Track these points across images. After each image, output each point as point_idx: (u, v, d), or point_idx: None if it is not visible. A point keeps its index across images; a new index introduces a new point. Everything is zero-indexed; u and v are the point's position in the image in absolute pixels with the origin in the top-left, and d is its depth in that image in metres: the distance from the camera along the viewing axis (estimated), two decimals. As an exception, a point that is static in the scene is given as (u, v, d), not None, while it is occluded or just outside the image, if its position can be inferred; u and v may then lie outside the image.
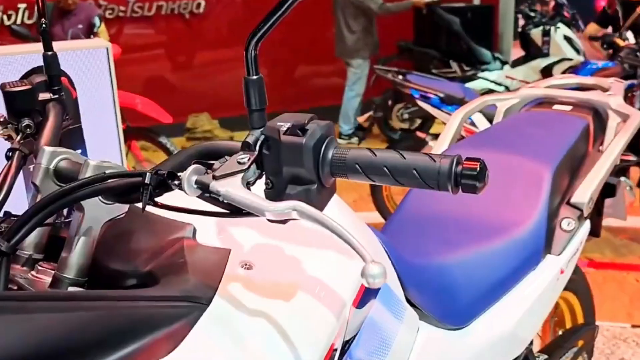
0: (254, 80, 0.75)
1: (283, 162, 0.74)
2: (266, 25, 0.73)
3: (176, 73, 6.88)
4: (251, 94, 0.75)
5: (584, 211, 1.46)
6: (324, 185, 0.76)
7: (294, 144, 0.73)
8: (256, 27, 0.74)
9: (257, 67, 0.75)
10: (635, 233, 3.86)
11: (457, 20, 5.93)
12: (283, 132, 0.73)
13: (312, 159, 0.73)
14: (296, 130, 0.73)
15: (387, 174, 0.74)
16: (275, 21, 0.73)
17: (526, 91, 1.82)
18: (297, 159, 0.73)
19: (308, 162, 0.73)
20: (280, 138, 0.73)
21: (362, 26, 5.71)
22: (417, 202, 1.45)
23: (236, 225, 0.91)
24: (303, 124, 0.74)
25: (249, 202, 0.70)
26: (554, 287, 1.42)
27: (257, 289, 0.82)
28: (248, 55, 0.74)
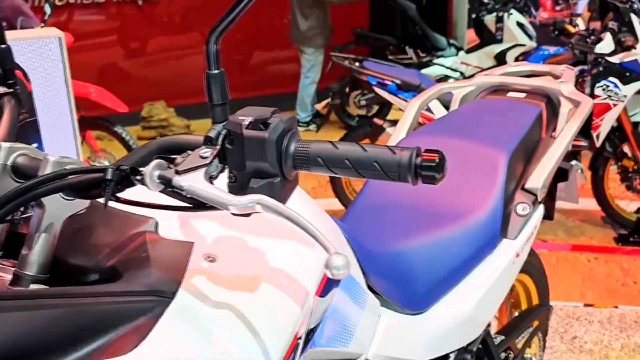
0: (215, 74, 0.75)
1: (246, 156, 0.74)
2: (227, 19, 0.73)
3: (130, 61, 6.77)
4: (213, 88, 0.75)
5: (538, 196, 1.50)
6: (287, 178, 0.77)
7: (256, 138, 0.74)
8: (217, 21, 0.74)
9: (218, 61, 0.75)
10: (586, 215, 3.97)
11: (413, 6, 5.96)
12: (245, 126, 0.74)
13: (274, 152, 0.74)
14: (258, 124, 0.74)
15: (349, 166, 0.75)
16: (236, 16, 0.73)
17: (481, 79, 1.86)
18: (260, 153, 0.74)
19: (271, 156, 0.74)
20: (243, 132, 0.74)
21: (316, 14, 5.70)
22: (376, 190, 1.47)
23: (199, 218, 0.91)
24: (265, 118, 0.75)
25: (212, 196, 0.70)
26: (510, 270, 1.46)
27: (221, 281, 0.83)
28: (209, 49, 0.74)
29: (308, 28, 5.75)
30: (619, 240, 3.67)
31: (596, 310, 2.91)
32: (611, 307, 2.93)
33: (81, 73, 4.19)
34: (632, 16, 3.48)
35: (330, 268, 0.67)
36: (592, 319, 2.82)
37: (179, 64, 6.83)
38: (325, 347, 1.00)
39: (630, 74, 3.43)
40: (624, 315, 2.85)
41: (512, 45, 5.20)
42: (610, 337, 2.68)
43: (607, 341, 2.65)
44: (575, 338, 2.68)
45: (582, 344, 2.64)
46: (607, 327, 2.76)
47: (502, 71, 1.91)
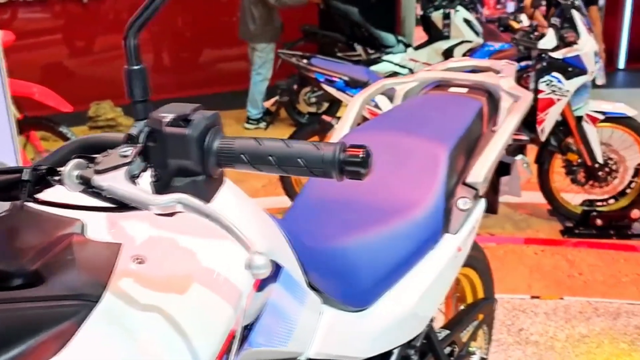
0: (135, 70, 0.73)
1: (168, 154, 0.72)
2: (145, 13, 0.71)
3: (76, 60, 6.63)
4: (134, 84, 0.73)
5: (479, 190, 1.51)
6: (211, 176, 0.75)
7: (177, 136, 0.71)
8: (134, 16, 0.71)
9: (138, 56, 0.72)
10: (533, 208, 4.04)
11: (355, 10, 5.97)
12: (166, 123, 0.72)
13: (197, 150, 0.72)
14: (179, 121, 0.71)
15: (273, 163, 0.74)
16: (154, 10, 0.71)
17: (424, 74, 1.86)
18: (181, 150, 0.72)
19: (193, 154, 0.72)
20: (164, 129, 0.71)
21: (261, 13, 5.68)
22: (318, 187, 1.46)
23: (128, 219, 0.88)
24: (186, 115, 0.72)
25: (132, 195, 0.68)
26: (453, 264, 1.46)
27: (149, 282, 0.80)
28: (128, 44, 0.72)
29: (258, 24, 5.71)
30: (564, 232, 3.75)
31: (542, 302, 2.96)
32: (557, 298, 2.99)
33: (25, 72, 4.08)
34: (574, 12, 3.55)
35: (251, 267, 0.65)
36: (538, 311, 2.87)
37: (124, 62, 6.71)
38: (263, 347, 0.99)
39: (572, 69, 3.50)
40: (569, 306, 2.91)
41: (460, 41, 5.26)
42: (556, 328, 2.73)
43: (553, 332, 2.70)
44: (522, 330, 2.72)
45: (528, 335, 2.68)
46: (552, 319, 2.81)
47: (445, 67, 1.92)
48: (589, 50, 3.50)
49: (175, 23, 7.18)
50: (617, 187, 3.76)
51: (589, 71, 3.52)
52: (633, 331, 2.70)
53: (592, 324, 2.76)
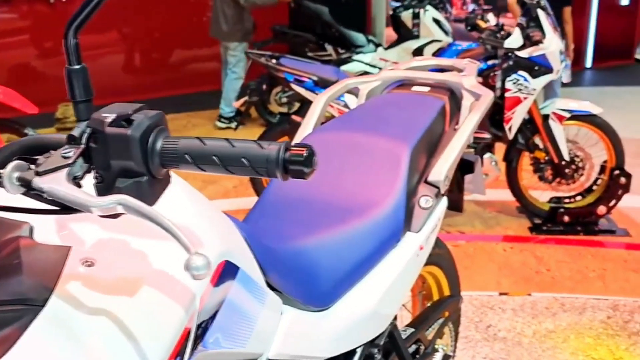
0: (76, 70, 0.72)
1: (110, 154, 0.71)
2: (84, 12, 0.70)
3: (42, 60, 6.54)
4: (74, 84, 0.72)
5: (440, 188, 1.51)
6: (155, 177, 0.74)
7: (119, 136, 0.70)
8: (74, 15, 0.70)
9: (78, 55, 0.71)
10: (502, 205, 4.08)
11: (325, 10, 5.98)
12: (108, 123, 0.70)
13: (139, 150, 0.71)
14: (121, 121, 0.70)
15: (218, 163, 0.73)
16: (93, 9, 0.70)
17: (387, 73, 1.86)
18: (124, 151, 0.71)
19: (136, 154, 0.71)
20: (105, 130, 0.70)
21: (232, 12, 5.67)
22: (280, 188, 1.45)
23: (78, 221, 0.87)
24: (128, 115, 0.71)
25: (73, 198, 0.67)
26: (415, 263, 1.47)
27: (98, 286, 0.79)
28: (67, 43, 0.71)
29: (229, 24, 5.70)
30: (533, 229, 3.79)
31: (510, 298, 2.98)
32: (525, 294, 3.02)
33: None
34: (540, 12, 3.59)
35: (190, 269, 0.64)
36: (506, 307, 2.89)
37: (94, 63, 6.63)
38: (220, 349, 0.98)
39: (538, 67, 3.53)
40: (536, 302, 2.94)
41: (429, 41, 5.29)
42: (523, 324, 2.76)
43: (520, 328, 2.73)
44: (490, 327, 2.74)
45: (496, 332, 2.70)
46: (520, 315, 2.83)
47: (408, 66, 1.92)
48: (554, 49, 3.54)
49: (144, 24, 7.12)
50: (584, 184, 3.81)
51: (555, 70, 3.56)
52: (598, 325, 2.74)
53: (558, 319, 2.79)
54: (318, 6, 6.03)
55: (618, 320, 2.78)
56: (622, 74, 8.07)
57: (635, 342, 2.62)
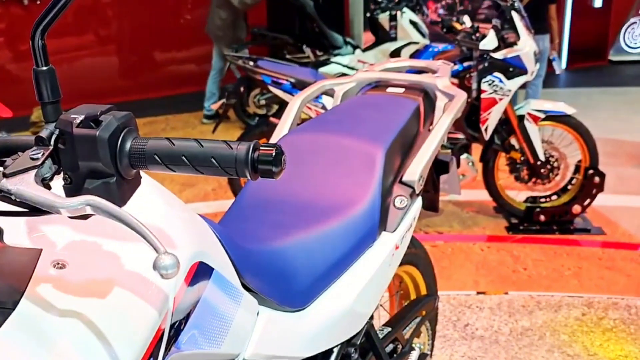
0: (44, 71, 0.72)
1: (79, 156, 0.71)
2: (51, 13, 0.70)
3: (16, 63, 6.48)
4: (42, 86, 0.72)
5: (415, 188, 1.53)
6: (124, 178, 0.74)
7: (87, 137, 0.70)
8: (41, 15, 0.70)
9: (46, 57, 0.71)
10: (480, 206, 4.11)
11: (311, 3, 5.99)
12: (76, 124, 0.71)
13: (108, 151, 0.71)
14: (89, 122, 0.70)
15: (187, 163, 0.73)
16: (60, 9, 0.70)
17: (362, 75, 1.88)
18: (92, 152, 0.71)
19: (104, 155, 0.71)
20: (73, 131, 0.70)
21: (226, 16, 5.73)
22: (255, 189, 1.46)
23: (49, 223, 0.87)
24: (96, 116, 0.71)
25: (41, 199, 0.67)
26: (390, 262, 1.48)
27: (69, 288, 0.79)
28: (35, 45, 0.71)
29: (223, 27, 5.77)
30: (509, 229, 3.83)
31: (487, 297, 3.01)
32: (501, 293, 3.05)
33: (-38, 77, 3.96)
34: (514, 14, 3.63)
35: (158, 268, 0.65)
36: (483, 306, 2.92)
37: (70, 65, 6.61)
38: (194, 350, 0.98)
39: (513, 69, 3.57)
40: (512, 300, 2.97)
41: (407, 43, 5.31)
42: (500, 323, 2.78)
43: (497, 326, 2.75)
44: (467, 325, 2.76)
45: (473, 330, 2.73)
46: (497, 313, 2.86)
47: (382, 67, 1.93)
48: (528, 51, 3.59)
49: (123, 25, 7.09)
50: (559, 184, 3.86)
51: (529, 71, 3.60)
52: (573, 323, 2.77)
53: (534, 317, 2.82)
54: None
55: (592, 317, 2.82)
56: (596, 75, 8.18)
57: (609, 338, 2.66)
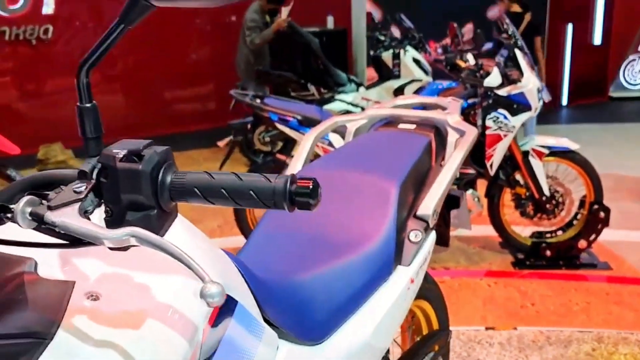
0: (88, 108, 0.75)
1: (121, 189, 0.73)
2: (96, 53, 0.73)
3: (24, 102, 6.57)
4: (85, 122, 0.75)
5: (429, 223, 1.55)
6: (164, 210, 0.76)
7: (130, 171, 0.73)
8: (87, 54, 0.74)
9: (90, 94, 0.74)
10: (485, 241, 4.12)
11: (316, 40, 6.09)
12: (119, 159, 0.73)
13: (149, 184, 0.73)
14: (132, 156, 0.73)
15: (226, 196, 0.76)
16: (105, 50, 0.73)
17: (373, 112, 1.91)
18: (134, 185, 0.73)
19: (146, 188, 0.73)
20: (117, 165, 0.73)
21: (247, 53, 5.97)
22: (273, 223, 1.48)
23: (82, 256, 0.89)
24: (139, 150, 0.74)
25: (86, 231, 0.69)
26: (406, 296, 1.49)
27: (103, 319, 0.80)
28: (80, 82, 0.74)
29: (244, 62, 6.02)
30: (516, 264, 3.83)
31: (496, 332, 3.00)
32: (511, 328, 3.04)
33: (-29, 115, 4.01)
34: (517, 52, 3.69)
35: (205, 296, 0.67)
36: (493, 342, 2.91)
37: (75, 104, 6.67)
38: None
39: (517, 105, 3.62)
40: (522, 335, 2.96)
41: (410, 80, 5.39)
42: (510, 358, 2.77)
43: (508, 362, 2.74)
44: (478, 361, 2.76)
45: (483, 366, 2.72)
46: (507, 349, 2.85)
47: (393, 104, 1.97)
48: (532, 87, 3.64)
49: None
50: (564, 219, 3.87)
51: (533, 107, 3.65)
52: (584, 358, 2.76)
53: (545, 352, 2.81)
54: (310, 36, 6.16)
55: (603, 352, 2.80)
56: (597, 112, 8.25)
57: (620, 374, 2.64)
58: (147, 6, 0.73)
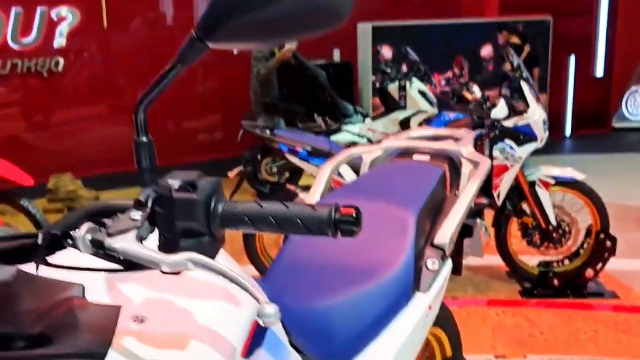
0: (143, 142, 0.80)
1: (176, 217, 0.79)
2: (154, 91, 0.79)
3: (35, 133, 6.65)
4: (142, 154, 0.80)
5: (445, 251, 1.59)
6: (215, 237, 0.81)
7: (186, 200, 0.78)
8: (144, 92, 0.79)
9: (146, 129, 0.80)
10: (492, 270, 4.15)
11: (323, 73, 6.19)
12: (175, 189, 0.79)
13: (203, 213, 0.79)
14: (187, 186, 0.79)
15: (274, 223, 0.81)
16: (162, 88, 0.79)
17: (389, 143, 1.97)
18: (189, 213, 0.78)
19: (200, 216, 0.79)
20: (173, 195, 0.78)
21: (256, 84, 6.05)
22: (295, 251, 1.52)
23: (125, 281, 0.94)
24: (193, 181, 0.80)
25: (145, 256, 0.74)
26: (424, 322, 1.53)
27: (151, 341, 0.85)
28: (137, 118, 0.79)
29: (254, 93, 6.07)
30: (523, 293, 3.85)
31: (506, 361, 3.02)
32: (520, 357, 3.06)
33: (-16, 146, 4.08)
34: (523, 84, 3.77)
35: (262, 316, 0.71)
36: (503, 370, 2.93)
37: (85, 135, 6.77)
38: None
39: (523, 136, 3.68)
40: (532, 364, 2.98)
41: (415, 111, 5.46)
42: (521, 387, 2.79)
43: (519, 391, 2.76)
44: (489, 389, 2.77)
45: (495, 394, 2.73)
46: (517, 377, 2.87)
47: (407, 135, 2.03)
48: (538, 119, 3.71)
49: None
50: (571, 248, 3.90)
51: (539, 138, 3.71)
52: (595, 387, 2.78)
53: (555, 381, 2.83)
54: (317, 68, 6.25)
55: (613, 382, 2.82)
56: (600, 142, 8.32)
57: (631, 402, 2.66)
58: (203, 47, 0.78)
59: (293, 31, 0.76)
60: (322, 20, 0.73)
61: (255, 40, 0.78)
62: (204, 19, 0.76)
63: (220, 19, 0.75)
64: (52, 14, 6.43)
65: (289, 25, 0.74)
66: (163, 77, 0.80)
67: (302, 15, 0.72)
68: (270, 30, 0.75)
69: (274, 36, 0.77)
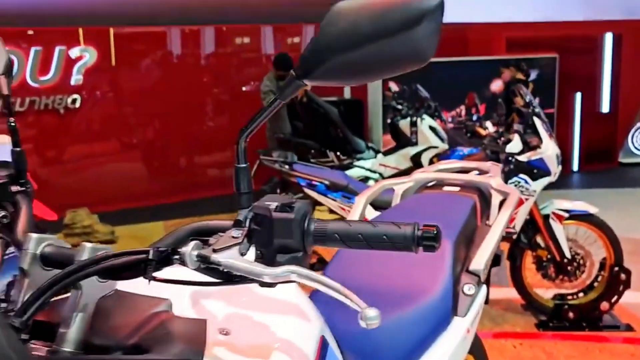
0: (243, 168, 0.89)
1: (274, 234, 0.88)
2: (255, 122, 0.88)
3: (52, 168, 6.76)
4: (240, 178, 0.89)
5: (481, 277, 1.67)
6: (307, 253, 0.90)
7: (285, 220, 0.87)
8: (247, 123, 0.89)
9: (245, 156, 0.89)
10: (508, 303, 4.20)
11: (335, 110, 6.32)
12: (274, 209, 0.88)
13: (299, 231, 0.87)
14: (285, 207, 0.88)
15: (362, 240, 0.90)
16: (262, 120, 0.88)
17: (419, 175, 2.06)
18: (287, 231, 0.87)
19: (296, 234, 0.87)
20: (272, 215, 0.87)
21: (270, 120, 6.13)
22: (338, 274, 1.60)
23: (207, 297, 1.02)
24: (291, 202, 0.89)
25: (249, 269, 0.83)
26: (463, 345, 1.60)
27: (238, 351, 0.93)
28: (239, 146, 0.89)
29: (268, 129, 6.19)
30: (539, 326, 3.90)
31: (527, 392, 3.06)
32: (540, 388, 3.10)
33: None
34: (535, 119, 3.87)
35: (365, 319, 0.80)
36: (525, 401, 2.97)
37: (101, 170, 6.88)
38: None
39: (537, 170, 3.78)
40: (553, 395, 3.02)
41: (427, 147, 5.57)
42: (544, 416, 2.83)
43: (541, 420, 2.80)
44: (512, 419, 2.81)
45: None
46: (539, 407, 2.91)
47: (436, 168, 2.12)
48: (551, 153, 3.80)
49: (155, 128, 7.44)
50: (585, 281, 3.96)
51: (552, 172, 3.81)
52: (616, 417, 2.82)
53: (577, 411, 2.87)
54: (328, 105, 6.38)
55: (634, 412, 2.86)
56: (607, 177, 8.42)
57: None
58: (300, 85, 0.88)
59: (382, 70, 0.85)
60: (408, 61, 0.82)
61: (347, 79, 0.87)
62: (303, 60, 0.86)
63: (317, 60, 0.84)
64: (70, 53, 6.60)
65: (378, 65, 0.83)
66: (263, 111, 0.89)
67: (390, 57, 0.81)
68: (361, 70, 0.84)
69: (364, 75, 0.86)
